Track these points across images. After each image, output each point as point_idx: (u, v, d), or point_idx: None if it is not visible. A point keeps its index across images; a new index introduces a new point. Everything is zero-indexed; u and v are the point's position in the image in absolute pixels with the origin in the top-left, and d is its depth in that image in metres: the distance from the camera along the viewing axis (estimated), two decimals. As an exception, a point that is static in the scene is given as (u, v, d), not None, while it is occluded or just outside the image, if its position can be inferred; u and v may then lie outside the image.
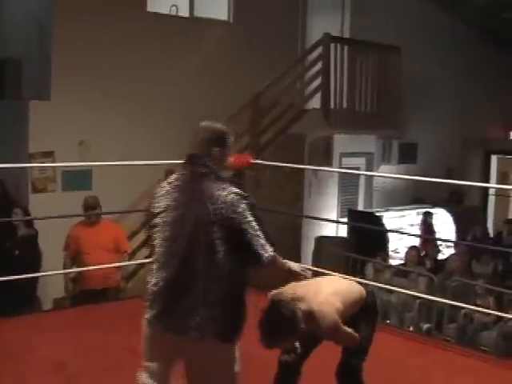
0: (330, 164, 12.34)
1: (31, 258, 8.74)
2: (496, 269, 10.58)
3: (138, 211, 9.45)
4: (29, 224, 9.03)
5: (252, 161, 7.46)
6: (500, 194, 16.87)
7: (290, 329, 3.90)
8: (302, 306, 4.02)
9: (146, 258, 9.19)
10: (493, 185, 16.52)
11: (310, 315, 3.99)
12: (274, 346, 3.97)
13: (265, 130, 11.08)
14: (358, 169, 13.82)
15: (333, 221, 12.60)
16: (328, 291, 4.15)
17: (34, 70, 9.94)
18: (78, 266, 8.20)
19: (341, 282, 4.47)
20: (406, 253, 11.21)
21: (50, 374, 5.20)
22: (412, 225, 13.66)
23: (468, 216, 14.50)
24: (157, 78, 10.79)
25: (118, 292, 8.44)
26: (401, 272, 10.44)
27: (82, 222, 8.44)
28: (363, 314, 4.32)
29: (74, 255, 8.32)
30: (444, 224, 14.10)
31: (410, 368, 5.46)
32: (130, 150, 9.89)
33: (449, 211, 14.38)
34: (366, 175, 14.10)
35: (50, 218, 8.48)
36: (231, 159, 7.29)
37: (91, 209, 8.39)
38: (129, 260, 8.81)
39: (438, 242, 12.69)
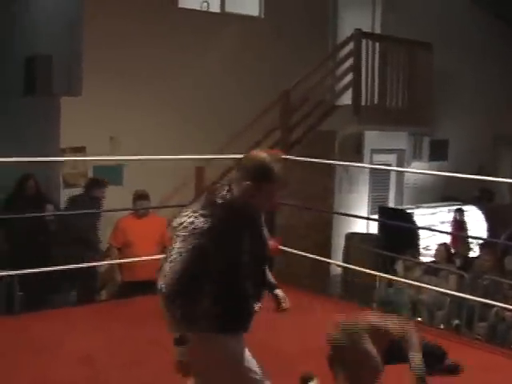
0: (360, 160, 12.31)
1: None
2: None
3: (170, 207, 9.50)
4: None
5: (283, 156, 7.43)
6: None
7: None
8: None
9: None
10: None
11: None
12: None
13: (295, 127, 11.06)
14: (388, 165, 13.76)
15: (363, 217, 12.54)
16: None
17: (64, 66, 10.01)
18: (125, 257, 8.26)
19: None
20: (436, 250, 11.13)
21: (78, 367, 5.23)
22: (443, 222, 13.56)
23: (499, 213, 14.36)
24: (187, 74, 10.81)
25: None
26: (431, 270, 10.36)
27: (131, 214, 8.55)
28: None
29: (121, 246, 8.39)
30: (475, 221, 13.99)
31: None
32: (160, 146, 9.90)
33: (480, 209, 14.27)
34: (396, 171, 14.02)
35: (82, 212, 8.57)
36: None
37: (142, 198, 8.52)
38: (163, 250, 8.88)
39: (469, 240, 12.58)
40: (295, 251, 7.70)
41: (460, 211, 13.56)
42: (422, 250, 12.67)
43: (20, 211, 8.55)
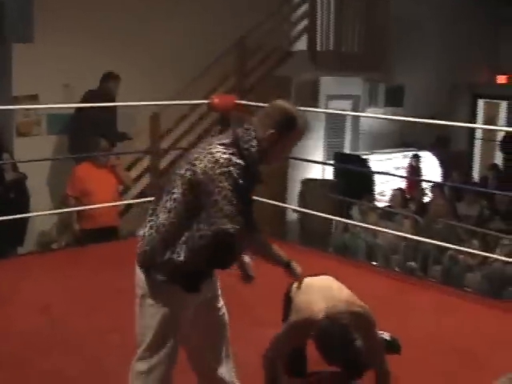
0: (316, 107, 12.26)
1: (21, 201, 8.77)
2: (481, 211, 10.63)
3: (126, 153, 9.48)
4: (15, 168, 9.04)
5: (237, 102, 7.41)
6: (486, 138, 16.92)
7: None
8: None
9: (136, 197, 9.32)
10: (479, 125, 16.50)
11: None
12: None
13: (250, 73, 11.01)
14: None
15: (320, 162, 12.59)
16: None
17: (16, 12, 9.75)
18: (82, 205, 8.15)
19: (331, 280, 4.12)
20: (391, 195, 11.26)
21: (35, 316, 5.21)
22: (398, 168, 13.68)
23: (454, 160, 14.51)
24: (144, 20, 10.61)
25: (116, 231, 8.56)
26: (386, 214, 10.48)
27: (88, 162, 8.43)
28: None
29: (79, 195, 8.29)
30: (430, 168, 14.12)
31: (395, 307, 5.49)
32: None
33: (435, 155, 14.39)
34: (352, 117, 14.06)
35: (38, 160, 8.49)
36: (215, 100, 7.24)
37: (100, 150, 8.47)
38: (120, 196, 8.86)
39: (424, 186, 12.70)
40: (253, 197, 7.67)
41: (416, 157, 13.68)
42: (377, 196, 12.80)
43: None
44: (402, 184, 12.71)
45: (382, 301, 5.23)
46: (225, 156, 3.23)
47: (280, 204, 8.96)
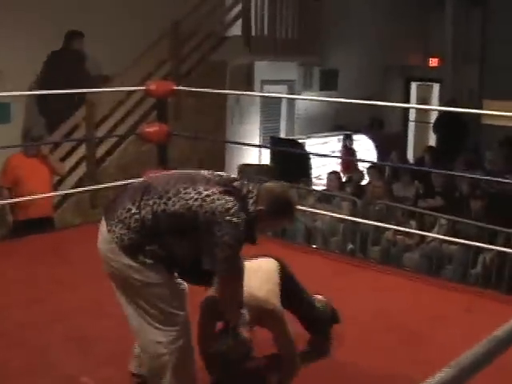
0: (251, 91, 12.30)
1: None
2: (418, 192, 10.77)
3: (57, 142, 9.34)
4: None
5: (174, 88, 7.37)
6: (419, 120, 17.15)
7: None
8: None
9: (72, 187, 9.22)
10: (412, 105, 16.71)
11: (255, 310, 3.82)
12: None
13: (186, 58, 10.96)
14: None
15: (258, 145, 12.63)
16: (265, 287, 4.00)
17: None
18: (16, 196, 8.03)
19: (261, 266, 4.19)
20: (327, 178, 11.32)
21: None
22: (333, 151, 13.77)
23: (389, 142, 14.66)
24: (75, 2, 10.44)
25: (52, 221, 8.43)
26: (324, 197, 10.53)
27: (20, 152, 8.29)
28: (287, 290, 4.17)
29: (12, 186, 8.16)
30: (366, 150, 14.25)
31: (335, 287, 5.54)
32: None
33: (370, 137, 14.53)
34: (287, 101, 14.11)
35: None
36: (152, 87, 7.18)
37: (33, 140, 8.33)
38: (55, 187, 8.74)
39: (361, 168, 12.82)
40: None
41: (348, 137, 13.81)
42: (314, 180, 12.87)
43: None
44: (337, 167, 12.83)
45: (322, 282, 5.29)
46: (235, 208, 3.41)
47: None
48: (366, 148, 14.38)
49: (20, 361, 4.30)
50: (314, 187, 12.12)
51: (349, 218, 8.00)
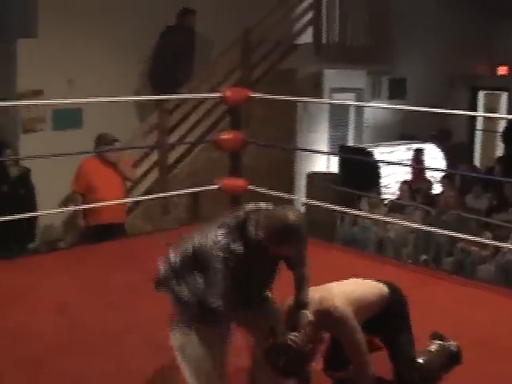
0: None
1: (28, 196, 8.71)
2: (491, 203, 10.57)
3: (133, 148, 9.38)
4: (18, 164, 8.98)
5: (249, 95, 7.33)
6: (487, 129, 16.87)
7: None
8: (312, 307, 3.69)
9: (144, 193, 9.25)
10: (481, 114, 16.41)
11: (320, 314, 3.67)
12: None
13: (256, 66, 10.92)
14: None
15: (329, 153, 12.57)
16: (337, 290, 3.83)
17: (19, 7, 9.68)
18: (88, 202, 8.07)
19: (352, 282, 4.02)
20: (399, 188, 11.19)
21: (53, 315, 5.11)
22: (401, 160, 13.60)
23: (457, 152, 14.46)
24: (146, 14, 10.53)
25: (123, 228, 8.44)
26: (396, 207, 10.41)
27: (94, 157, 8.32)
28: (389, 316, 3.96)
29: (85, 191, 8.19)
30: (434, 160, 14.06)
31: (413, 300, 5.41)
32: (120, 87, 9.71)
33: (438, 147, 14.35)
34: (356, 109, 14.00)
35: (43, 157, 8.35)
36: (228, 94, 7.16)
37: (107, 143, 8.30)
38: (127, 193, 8.76)
39: (430, 177, 12.65)
40: (263, 190, 7.60)
41: (419, 151, 13.63)
42: (382, 189, 12.74)
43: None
44: (405, 177, 12.67)
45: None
46: (224, 240, 3.39)
47: (289, 196, 8.91)
48: (433, 157, 14.18)
49: (99, 369, 4.28)
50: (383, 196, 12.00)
51: (425, 227, 7.83)
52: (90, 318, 5.03)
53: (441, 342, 4.20)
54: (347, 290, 3.82)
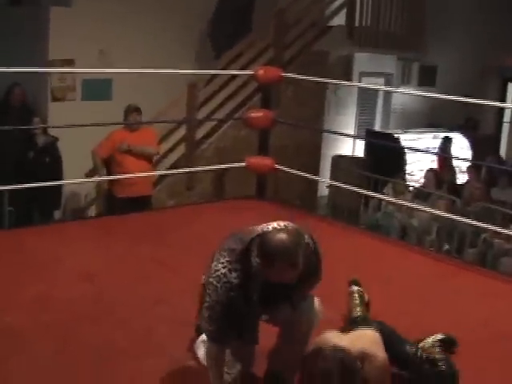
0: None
1: (55, 165, 8.75)
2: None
3: (163, 121, 9.37)
4: (46, 132, 9.01)
5: (281, 74, 7.29)
6: (515, 122, 16.76)
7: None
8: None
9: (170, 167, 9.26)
10: (507, 104, 16.23)
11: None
12: None
13: (289, 46, 10.88)
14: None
15: (356, 136, 12.52)
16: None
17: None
18: (115, 173, 8.14)
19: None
20: (425, 176, 11.14)
21: (79, 285, 5.11)
22: (428, 148, 13.54)
23: (483, 143, 14.38)
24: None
25: (150, 200, 8.48)
26: (421, 195, 10.36)
27: (123, 128, 8.37)
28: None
29: (108, 157, 8.25)
30: (460, 150, 13.99)
31: (437, 291, 5.39)
32: (151, 60, 9.70)
33: (465, 137, 14.27)
34: (385, 94, 13.96)
35: (72, 126, 8.37)
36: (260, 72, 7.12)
37: (135, 111, 8.32)
38: (154, 167, 8.75)
39: (455, 168, 12.60)
40: (289, 170, 7.59)
41: (448, 139, 13.56)
42: (406, 176, 12.69)
43: (6, 122, 8.43)
44: (430, 165, 12.62)
45: (422, 281, 5.15)
46: (223, 270, 3.33)
47: (315, 177, 8.94)
48: (459, 147, 14.10)
49: (125, 341, 4.27)
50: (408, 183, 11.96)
51: (450, 215, 7.77)
52: (117, 289, 5.03)
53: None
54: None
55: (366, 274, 4.06)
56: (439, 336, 3.98)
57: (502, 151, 16.44)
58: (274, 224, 3.36)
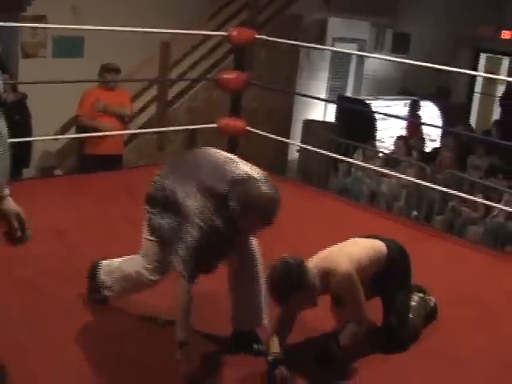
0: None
1: (24, 122, 8.64)
2: (492, 164, 10.53)
3: (136, 80, 9.29)
4: (15, 89, 8.88)
5: (256, 36, 7.25)
6: (485, 93, 16.80)
7: (300, 281, 3.52)
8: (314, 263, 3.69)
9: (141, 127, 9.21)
10: (481, 74, 16.25)
11: (323, 271, 3.66)
12: (285, 301, 3.59)
13: (263, 9, 10.81)
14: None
15: (328, 100, 12.51)
16: (339, 252, 3.81)
17: None
18: (88, 131, 8.08)
19: (352, 243, 3.97)
20: (395, 143, 11.17)
21: (51, 241, 5.10)
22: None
23: (454, 112, 14.44)
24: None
25: (121, 159, 8.44)
26: (390, 161, 10.41)
27: (98, 86, 8.28)
28: (389, 275, 3.94)
29: (89, 116, 8.17)
30: (431, 118, 14.05)
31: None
32: (124, 18, 9.57)
33: (436, 105, 14.32)
34: (357, 60, 13.97)
35: (41, 83, 8.30)
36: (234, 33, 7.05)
37: (114, 71, 8.24)
38: (126, 125, 8.71)
39: (425, 136, 12.65)
40: (260, 132, 7.58)
41: (416, 103, 13.61)
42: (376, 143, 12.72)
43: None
44: (399, 132, 12.68)
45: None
46: (207, 213, 3.42)
47: (286, 140, 8.93)
48: (430, 115, 14.16)
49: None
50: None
51: (418, 181, 7.82)
52: (87, 247, 5.02)
53: (422, 296, 4.22)
54: (350, 252, 3.81)
55: (335, 237, 4.07)
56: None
57: (473, 120, 16.53)
58: (247, 168, 3.51)
